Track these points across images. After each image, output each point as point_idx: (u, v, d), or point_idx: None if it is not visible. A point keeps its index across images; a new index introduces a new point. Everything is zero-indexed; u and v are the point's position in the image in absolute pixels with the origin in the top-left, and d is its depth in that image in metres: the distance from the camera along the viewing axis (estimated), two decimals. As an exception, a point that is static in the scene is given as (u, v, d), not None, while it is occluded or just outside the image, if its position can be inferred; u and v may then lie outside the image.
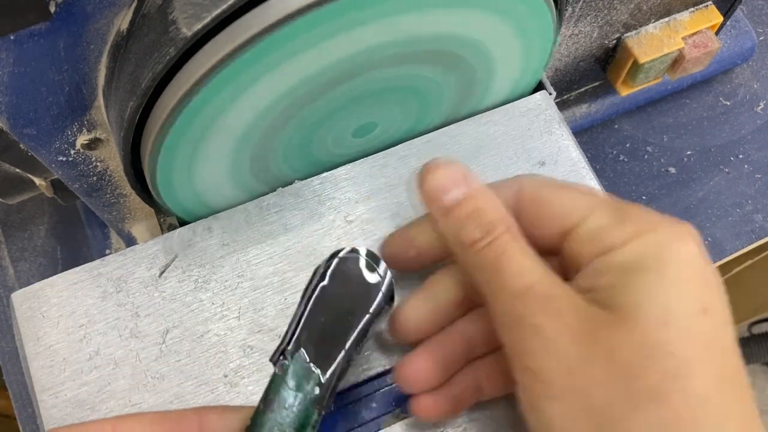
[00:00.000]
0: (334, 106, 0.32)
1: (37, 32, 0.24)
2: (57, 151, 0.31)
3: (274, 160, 0.34)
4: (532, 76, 0.37)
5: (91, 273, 0.33)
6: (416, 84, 0.33)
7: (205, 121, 0.28)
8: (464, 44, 0.31)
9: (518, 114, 0.37)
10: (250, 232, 0.34)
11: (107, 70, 0.28)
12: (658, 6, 0.45)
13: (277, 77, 0.28)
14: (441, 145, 0.36)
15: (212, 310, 0.32)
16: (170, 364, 0.31)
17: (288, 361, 0.25)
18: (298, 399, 0.24)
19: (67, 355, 0.31)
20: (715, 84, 0.60)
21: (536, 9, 0.31)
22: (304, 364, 0.25)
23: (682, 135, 0.58)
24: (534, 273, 0.25)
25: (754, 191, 0.56)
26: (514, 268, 0.25)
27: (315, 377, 0.25)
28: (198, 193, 0.33)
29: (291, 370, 0.25)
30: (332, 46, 0.27)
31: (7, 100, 0.26)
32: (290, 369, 0.25)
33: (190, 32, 0.24)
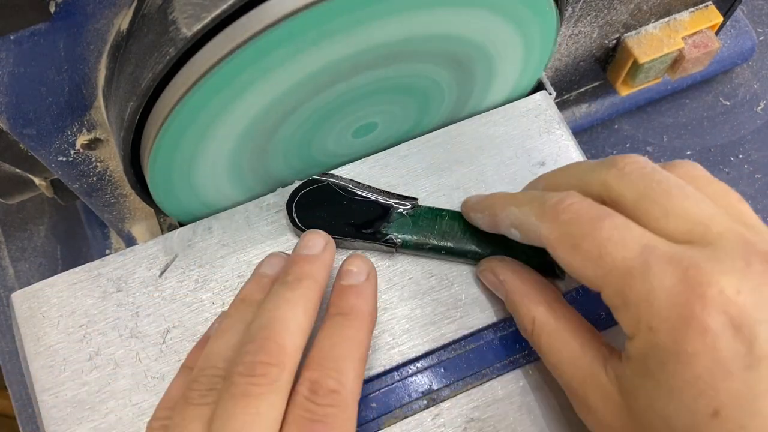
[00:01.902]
0: (334, 105, 0.32)
1: (37, 32, 0.24)
2: (57, 151, 0.31)
3: (274, 161, 0.34)
4: (532, 76, 0.37)
5: (91, 273, 0.33)
6: (416, 84, 0.33)
7: (204, 121, 0.28)
8: (464, 44, 0.31)
9: (518, 114, 0.37)
10: (250, 232, 0.34)
11: (107, 70, 0.28)
12: (658, 6, 0.45)
13: (277, 77, 0.28)
14: (441, 145, 0.36)
15: (212, 310, 0.32)
16: (170, 364, 0.31)
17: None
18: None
19: (67, 355, 0.31)
20: (715, 84, 0.60)
21: (536, 9, 0.31)
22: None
23: (682, 135, 0.58)
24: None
25: (754, 191, 0.56)
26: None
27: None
28: (198, 193, 0.33)
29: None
30: (332, 46, 0.27)
31: (7, 100, 0.26)
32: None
33: (190, 32, 0.24)
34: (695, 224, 0.24)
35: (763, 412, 0.21)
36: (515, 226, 0.29)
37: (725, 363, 0.22)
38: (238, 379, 0.25)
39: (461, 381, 0.31)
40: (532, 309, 0.29)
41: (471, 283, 0.33)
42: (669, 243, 0.24)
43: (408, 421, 0.30)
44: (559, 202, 0.27)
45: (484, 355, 0.32)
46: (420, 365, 0.31)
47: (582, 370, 0.26)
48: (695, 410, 0.22)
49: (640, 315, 0.23)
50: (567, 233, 0.26)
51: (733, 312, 0.22)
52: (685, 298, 0.22)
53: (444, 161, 0.36)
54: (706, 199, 0.25)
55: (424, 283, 0.33)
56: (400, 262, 0.33)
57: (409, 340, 0.32)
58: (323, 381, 0.26)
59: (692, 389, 0.22)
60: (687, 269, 0.23)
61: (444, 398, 0.31)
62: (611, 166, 0.27)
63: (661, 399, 0.23)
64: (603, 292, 0.25)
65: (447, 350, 0.32)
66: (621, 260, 0.24)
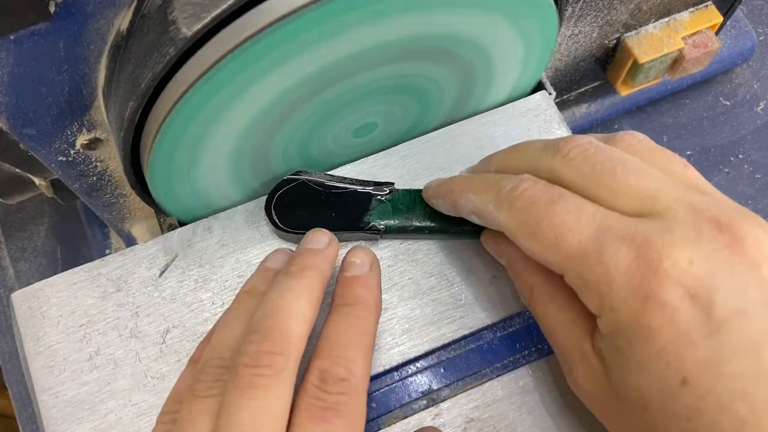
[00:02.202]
0: (334, 105, 0.32)
1: (37, 32, 0.24)
2: (57, 151, 0.31)
3: (274, 160, 0.34)
4: (532, 76, 0.37)
5: (91, 273, 0.33)
6: (416, 84, 0.33)
7: (204, 121, 0.28)
8: (464, 44, 0.31)
9: (518, 114, 0.37)
10: (250, 232, 0.34)
11: (107, 70, 0.28)
12: (658, 6, 0.45)
13: (277, 77, 0.28)
14: (441, 145, 0.36)
15: (212, 310, 0.32)
16: (170, 364, 0.31)
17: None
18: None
19: (67, 355, 0.31)
20: (715, 84, 0.60)
21: (536, 9, 0.31)
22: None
23: (682, 135, 0.58)
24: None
25: (754, 191, 0.56)
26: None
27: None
28: (198, 193, 0.33)
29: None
30: (332, 46, 0.27)
31: (7, 100, 0.26)
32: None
33: (190, 32, 0.24)
34: (643, 199, 0.25)
35: (730, 374, 0.22)
36: (475, 213, 0.29)
37: (687, 333, 0.22)
38: (243, 370, 0.25)
39: (461, 381, 0.31)
40: (530, 277, 0.29)
41: (471, 283, 0.33)
42: (622, 218, 0.24)
43: (408, 421, 0.30)
44: (514, 189, 0.27)
45: (484, 355, 0.32)
46: (420, 365, 0.31)
47: (572, 340, 0.27)
48: (664, 381, 0.23)
49: (601, 296, 0.24)
50: (523, 221, 0.26)
51: (688, 283, 0.22)
52: (641, 276, 0.23)
53: (444, 161, 0.36)
54: (652, 171, 0.26)
55: (424, 283, 0.33)
56: (400, 262, 0.33)
57: (409, 340, 0.32)
58: (332, 369, 0.26)
59: (659, 362, 0.23)
60: (640, 246, 0.23)
61: (444, 398, 0.31)
62: (556, 152, 0.27)
63: (632, 373, 0.24)
64: (565, 276, 0.25)
65: (447, 350, 0.32)
66: (577, 244, 0.25)
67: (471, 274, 0.33)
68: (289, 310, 0.26)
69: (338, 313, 0.28)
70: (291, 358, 0.25)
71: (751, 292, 0.22)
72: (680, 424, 0.23)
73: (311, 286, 0.27)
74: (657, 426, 0.23)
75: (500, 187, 0.28)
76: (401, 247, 0.34)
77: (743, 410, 0.21)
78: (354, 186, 0.34)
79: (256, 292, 0.29)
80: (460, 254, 0.34)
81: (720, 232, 0.23)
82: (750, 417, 0.21)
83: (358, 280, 0.29)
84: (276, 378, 0.24)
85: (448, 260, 0.33)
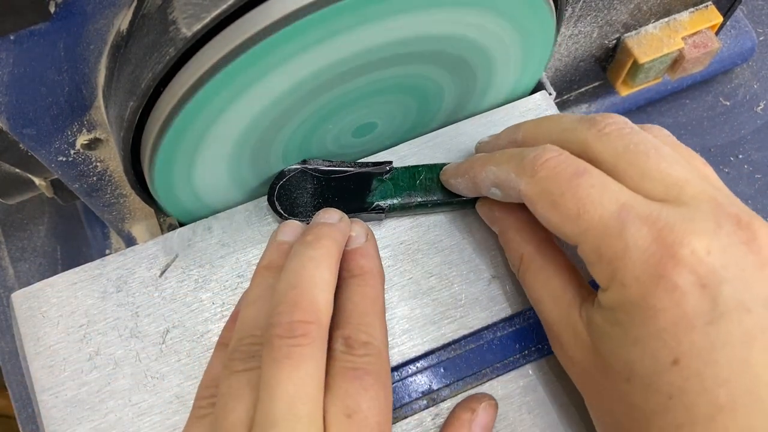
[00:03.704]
0: (335, 105, 0.32)
1: (37, 32, 0.24)
2: (57, 151, 0.31)
3: (274, 161, 0.34)
4: (532, 76, 0.37)
5: (91, 273, 0.33)
6: (416, 84, 0.33)
7: (205, 121, 0.28)
8: (464, 44, 0.31)
9: (518, 114, 0.37)
10: (250, 232, 0.34)
11: (107, 71, 0.28)
12: (658, 6, 0.45)
13: (277, 77, 0.28)
14: (441, 145, 0.36)
15: (212, 310, 0.32)
16: (170, 364, 0.31)
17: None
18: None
19: (67, 355, 0.31)
20: (715, 84, 0.60)
21: (536, 9, 0.31)
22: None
23: (682, 135, 0.58)
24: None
25: (754, 191, 0.56)
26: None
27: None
28: (198, 193, 0.33)
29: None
30: (332, 47, 0.27)
31: (7, 100, 0.26)
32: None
33: (190, 32, 0.24)
34: (671, 185, 0.25)
35: (719, 362, 0.22)
36: (495, 185, 0.30)
37: (689, 318, 0.23)
38: (279, 341, 0.25)
39: (461, 381, 0.31)
40: (522, 246, 0.30)
41: (471, 282, 0.33)
42: (645, 201, 0.25)
43: (408, 421, 0.30)
44: (538, 157, 0.27)
45: (484, 355, 0.32)
46: (420, 365, 0.31)
47: (559, 309, 0.28)
48: (657, 358, 0.23)
49: (614, 271, 0.24)
50: (545, 190, 0.26)
51: (701, 271, 0.23)
52: (658, 257, 0.23)
53: (444, 161, 0.36)
54: (682, 161, 0.26)
55: (424, 283, 0.33)
56: (400, 262, 0.33)
57: (409, 340, 0.32)
58: (355, 335, 0.27)
59: (656, 340, 0.23)
60: (661, 229, 0.24)
61: (444, 398, 0.31)
62: (591, 125, 0.28)
63: (626, 346, 0.24)
64: (580, 247, 0.26)
65: (447, 350, 0.32)
66: (598, 218, 0.25)
67: (471, 274, 0.33)
68: (313, 279, 0.26)
69: (347, 285, 0.29)
70: (322, 325, 0.26)
71: (757, 289, 0.23)
72: (660, 399, 0.23)
73: (330, 254, 0.28)
74: (635, 397, 0.24)
75: (523, 155, 0.28)
76: (401, 247, 0.34)
77: (723, 396, 0.22)
78: (353, 169, 0.34)
79: (275, 266, 0.30)
80: (460, 254, 0.34)
81: (739, 228, 0.24)
82: (728, 404, 0.22)
83: (359, 251, 0.30)
84: (312, 346, 0.25)
85: (448, 260, 0.33)
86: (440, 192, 0.34)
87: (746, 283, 0.23)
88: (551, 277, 0.29)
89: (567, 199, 0.26)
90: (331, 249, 0.28)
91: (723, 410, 0.22)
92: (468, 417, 0.29)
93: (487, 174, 0.30)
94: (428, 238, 0.34)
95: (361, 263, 0.30)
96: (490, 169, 0.30)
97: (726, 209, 0.24)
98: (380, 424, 0.25)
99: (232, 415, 0.25)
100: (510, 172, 0.28)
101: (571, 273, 0.29)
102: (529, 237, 0.30)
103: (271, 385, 0.24)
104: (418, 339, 0.32)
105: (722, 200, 0.25)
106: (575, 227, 0.26)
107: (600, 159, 0.27)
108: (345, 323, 0.27)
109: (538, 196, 0.27)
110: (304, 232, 0.30)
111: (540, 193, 0.27)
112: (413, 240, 0.34)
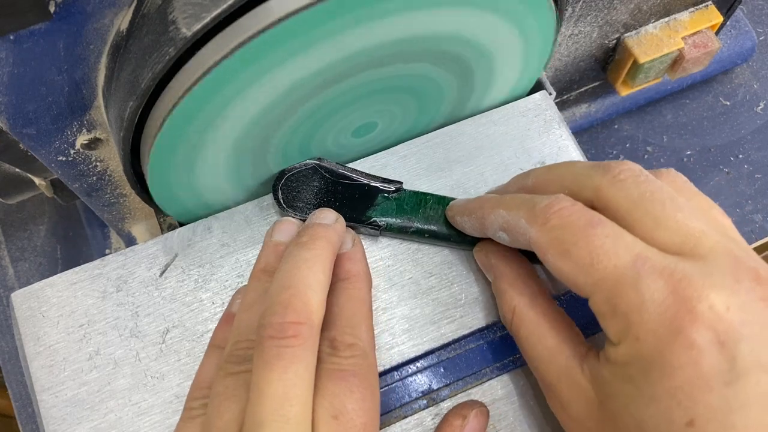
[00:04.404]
0: (334, 105, 0.32)
1: (37, 32, 0.24)
2: (57, 151, 0.31)
3: (273, 160, 0.34)
4: (531, 76, 0.37)
5: (91, 273, 0.33)
6: (416, 84, 0.33)
7: (204, 121, 0.28)
8: (464, 44, 0.31)
9: (518, 114, 0.37)
10: (250, 232, 0.34)
11: (107, 70, 0.28)
12: (658, 6, 0.45)
13: (277, 77, 0.28)
14: (441, 145, 0.36)
15: (212, 309, 0.32)
16: (170, 363, 0.31)
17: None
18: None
19: (67, 354, 0.31)
20: (715, 84, 0.60)
21: (536, 9, 0.31)
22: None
23: (682, 135, 0.58)
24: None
25: (754, 191, 0.56)
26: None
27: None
28: (198, 193, 0.33)
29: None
30: (332, 46, 0.27)
31: (7, 100, 0.26)
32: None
33: (190, 32, 0.24)
34: (687, 237, 0.24)
35: (736, 426, 0.22)
36: (504, 230, 0.29)
37: (707, 378, 0.22)
38: (269, 342, 0.25)
39: (461, 381, 0.31)
40: (515, 298, 0.29)
41: (471, 282, 0.33)
42: (661, 253, 0.24)
43: (408, 420, 0.30)
44: (550, 206, 0.26)
45: (484, 355, 0.32)
46: (420, 365, 0.31)
47: (557, 366, 0.27)
48: (671, 419, 0.22)
49: (629, 325, 0.24)
50: (557, 238, 0.26)
51: (720, 328, 0.22)
52: (675, 312, 0.23)
53: (444, 161, 0.36)
54: (697, 212, 0.25)
55: (424, 283, 0.33)
56: (400, 262, 0.33)
57: (409, 340, 0.32)
58: (341, 338, 0.27)
59: (671, 399, 0.22)
60: (678, 282, 0.23)
61: (444, 398, 0.31)
62: (606, 171, 0.27)
63: (638, 404, 0.23)
64: (592, 298, 0.25)
65: (447, 350, 0.32)
66: (612, 269, 0.24)
67: (471, 274, 0.33)
68: (306, 280, 0.26)
69: (335, 289, 0.29)
70: (314, 327, 0.26)
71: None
72: None
73: (324, 256, 0.28)
74: None
75: (534, 203, 0.27)
76: (401, 247, 0.34)
77: None
78: (363, 179, 0.34)
79: (270, 269, 0.30)
80: (460, 254, 0.34)
81: (758, 284, 0.23)
82: None
83: (345, 255, 0.31)
84: (303, 347, 0.25)
85: (448, 260, 0.33)
86: (441, 225, 0.33)
87: (765, 341, 0.22)
88: (546, 334, 0.28)
89: (580, 248, 0.25)
90: (325, 250, 0.28)
91: None
92: (459, 423, 0.29)
93: (496, 217, 0.29)
94: (428, 238, 0.34)
95: (347, 267, 0.30)
96: (500, 212, 0.29)
97: (744, 264, 0.23)
98: (366, 425, 0.25)
99: (225, 415, 0.25)
100: (521, 218, 0.28)
101: (566, 328, 0.28)
102: (522, 289, 0.29)
103: (260, 386, 0.24)
104: (418, 339, 0.32)
105: (740, 254, 0.24)
106: (588, 277, 0.25)
107: (614, 207, 0.26)
108: (331, 326, 0.27)
109: (550, 245, 0.26)
110: (299, 233, 0.30)
111: (551, 241, 0.26)
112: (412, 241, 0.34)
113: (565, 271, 0.25)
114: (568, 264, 0.25)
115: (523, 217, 0.27)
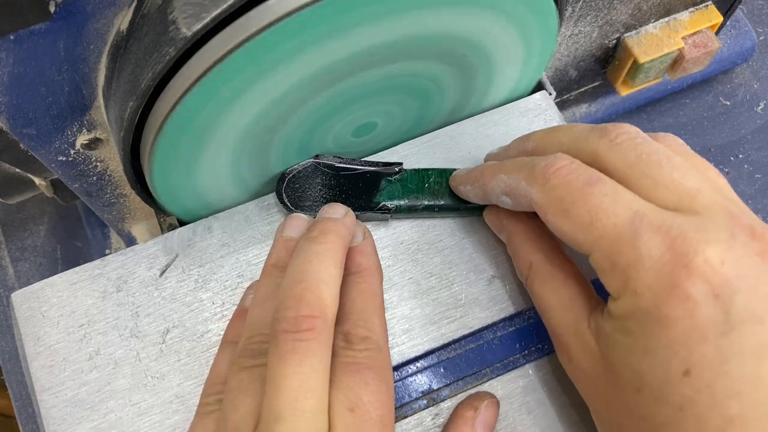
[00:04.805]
0: (334, 105, 0.32)
1: (37, 32, 0.24)
2: (57, 151, 0.31)
3: (274, 160, 0.34)
4: (532, 76, 0.37)
5: (91, 273, 0.33)
6: (416, 84, 0.33)
7: (204, 121, 0.28)
8: (465, 44, 0.31)
9: (518, 114, 0.37)
10: (250, 232, 0.34)
11: (107, 70, 0.28)
12: (658, 6, 0.45)
13: (277, 77, 0.28)
14: (441, 145, 0.36)
15: (212, 309, 0.32)
16: (170, 363, 0.31)
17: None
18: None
19: (67, 354, 0.31)
20: (715, 84, 0.60)
21: (537, 9, 0.31)
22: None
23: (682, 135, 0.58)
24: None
25: (754, 191, 0.56)
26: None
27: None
28: (198, 193, 0.33)
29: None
30: (331, 46, 0.27)
31: (7, 100, 0.26)
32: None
33: (190, 32, 0.24)
34: (683, 195, 0.25)
35: (731, 374, 0.22)
36: (506, 194, 0.29)
37: (702, 329, 0.23)
38: (284, 336, 0.25)
39: (461, 381, 0.31)
40: (530, 254, 0.30)
41: (471, 282, 0.33)
42: (658, 210, 0.25)
43: (408, 420, 0.30)
44: (549, 166, 0.27)
45: (484, 355, 0.32)
46: (420, 365, 0.31)
47: (567, 319, 0.28)
48: (668, 368, 0.23)
49: (627, 280, 0.24)
50: (557, 198, 0.26)
51: (715, 281, 0.23)
52: (671, 267, 0.23)
53: (444, 161, 0.36)
54: (694, 170, 0.26)
55: (424, 283, 0.33)
56: (400, 262, 0.33)
57: (409, 340, 0.32)
58: (354, 331, 0.27)
59: (668, 350, 0.23)
60: (675, 238, 0.24)
61: (444, 398, 0.31)
62: (603, 135, 0.27)
63: (636, 356, 0.24)
64: (591, 255, 0.26)
65: (447, 350, 0.32)
66: (611, 227, 0.25)
67: (471, 274, 0.33)
68: (318, 274, 0.26)
69: (347, 283, 0.29)
70: (328, 321, 0.26)
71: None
72: (670, 411, 0.23)
73: (335, 249, 0.28)
74: (645, 408, 0.24)
75: (534, 164, 0.28)
76: (401, 247, 0.34)
77: (734, 409, 0.22)
78: (363, 167, 0.35)
79: (281, 264, 0.30)
80: (460, 254, 0.34)
81: (754, 239, 0.24)
82: (738, 416, 0.22)
83: (356, 249, 0.31)
84: (317, 341, 0.25)
85: (448, 260, 0.33)
86: (448, 197, 0.34)
87: (760, 294, 0.23)
88: (560, 287, 0.29)
89: (579, 207, 0.26)
90: (336, 244, 0.28)
91: (734, 423, 0.22)
92: (471, 414, 0.29)
93: (497, 182, 0.30)
94: (428, 238, 0.34)
95: (358, 261, 0.30)
96: (501, 177, 0.29)
97: (740, 220, 0.24)
98: (382, 418, 0.25)
99: (240, 409, 0.25)
100: (521, 180, 0.28)
101: (580, 282, 0.29)
102: (538, 245, 0.30)
103: (276, 380, 0.24)
104: (418, 339, 0.32)
105: (736, 211, 0.24)
106: (587, 235, 0.25)
107: (612, 169, 0.26)
108: (344, 319, 0.28)
109: (550, 204, 0.27)
110: (310, 228, 0.30)
111: (551, 201, 0.27)
112: (413, 240, 0.34)
113: (565, 230, 0.26)
114: (567, 223, 0.26)
115: (523, 179, 0.28)
